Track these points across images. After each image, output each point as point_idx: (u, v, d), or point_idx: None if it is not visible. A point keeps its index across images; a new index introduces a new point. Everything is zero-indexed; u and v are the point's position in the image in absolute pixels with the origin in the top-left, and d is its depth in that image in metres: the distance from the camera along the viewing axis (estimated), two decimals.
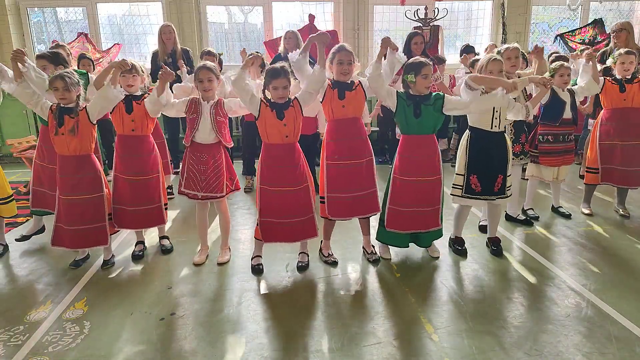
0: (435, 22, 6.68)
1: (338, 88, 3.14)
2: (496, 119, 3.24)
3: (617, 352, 2.37)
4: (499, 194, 3.34)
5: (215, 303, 2.89)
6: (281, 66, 3.00)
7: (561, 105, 3.89)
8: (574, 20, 7.77)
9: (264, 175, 3.13)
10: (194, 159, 3.26)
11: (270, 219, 3.16)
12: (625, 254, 3.52)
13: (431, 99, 3.13)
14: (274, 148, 3.11)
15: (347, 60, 3.10)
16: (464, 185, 3.35)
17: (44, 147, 3.66)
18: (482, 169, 3.30)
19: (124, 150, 3.37)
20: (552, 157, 4.01)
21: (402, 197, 3.24)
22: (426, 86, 3.11)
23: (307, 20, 6.89)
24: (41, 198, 3.72)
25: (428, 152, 3.20)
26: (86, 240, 3.27)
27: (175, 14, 7.05)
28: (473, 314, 2.73)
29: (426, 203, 3.24)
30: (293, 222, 3.15)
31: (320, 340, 2.50)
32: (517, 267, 3.33)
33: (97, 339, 2.54)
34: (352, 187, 3.20)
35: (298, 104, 3.08)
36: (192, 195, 3.30)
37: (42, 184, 3.70)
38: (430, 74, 3.10)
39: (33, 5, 7.18)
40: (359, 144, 3.22)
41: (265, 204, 3.15)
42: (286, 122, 3.03)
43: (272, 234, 3.20)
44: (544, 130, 4.00)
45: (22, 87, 3.20)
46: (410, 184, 3.21)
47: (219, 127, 3.23)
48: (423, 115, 3.12)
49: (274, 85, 2.99)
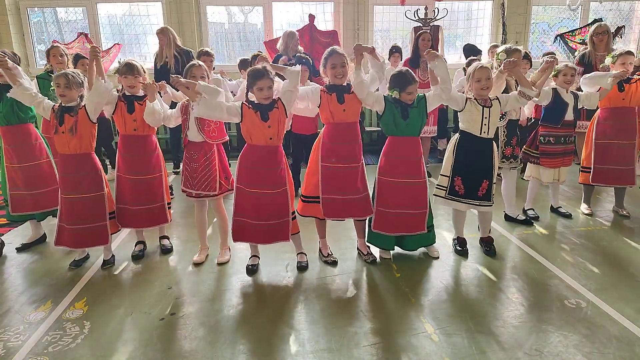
0: (435, 22, 6.68)
1: (336, 92, 3.14)
2: (485, 125, 3.25)
3: (617, 352, 2.37)
4: (483, 199, 3.34)
5: (215, 303, 2.89)
6: (263, 66, 2.97)
7: (564, 107, 3.88)
8: (574, 20, 7.78)
9: (242, 176, 3.10)
10: (188, 157, 3.29)
11: (243, 219, 3.15)
12: (625, 253, 3.52)
13: (415, 102, 3.18)
14: (256, 149, 3.07)
15: (339, 63, 3.10)
16: (448, 186, 3.37)
17: (10, 148, 3.64)
18: (467, 172, 3.32)
19: (126, 150, 3.38)
20: (552, 158, 4.00)
21: (387, 198, 3.26)
22: (410, 100, 3.15)
23: (307, 20, 6.89)
24: (19, 201, 3.68)
25: (413, 154, 3.22)
26: (87, 240, 3.27)
27: (175, 14, 7.05)
28: (473, 314, 2.73)
29: (412, 205, 3.24)
30: (267, 224, 3.12)
31: (320, 340, 2.50)
32: (517, 267, 3.32)
33: (97, 339, 2.54)
34: (347, 189, 3.21)
35: (282, 105, 3.04)
36: (188, 193, 3.33)
37: (17, 186, 3.66)
38: (414, 91, 3.13)
39: (33, 5, 7.18)
40: (355, 148, 3.23)
41: (240, 204, 3.13)
42: (270, 123, 3.00)
43: (243, 234, 3.18)
44: (545, 131, 4.00)
45: (21, 89, 3.21)
46: (395, 184, 3.22)
47: (201, 125, 3.22)
48: (411, 117, 3.16)
49: (258, 87, 2.94)
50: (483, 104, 3.25)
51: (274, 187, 3.09)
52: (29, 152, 3.66)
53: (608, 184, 4.24)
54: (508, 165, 3.91)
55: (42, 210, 3.72)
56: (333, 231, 3.76)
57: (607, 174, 4.15)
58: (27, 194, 3.65)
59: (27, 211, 3.70)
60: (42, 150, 3.74)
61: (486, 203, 3.36)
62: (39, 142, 3.74)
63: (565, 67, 3.85)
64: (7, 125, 3.60)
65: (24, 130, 3.67)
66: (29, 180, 3.63)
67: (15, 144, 3.62)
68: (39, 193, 3.67)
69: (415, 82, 3.13)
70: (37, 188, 3.66)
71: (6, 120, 3.59)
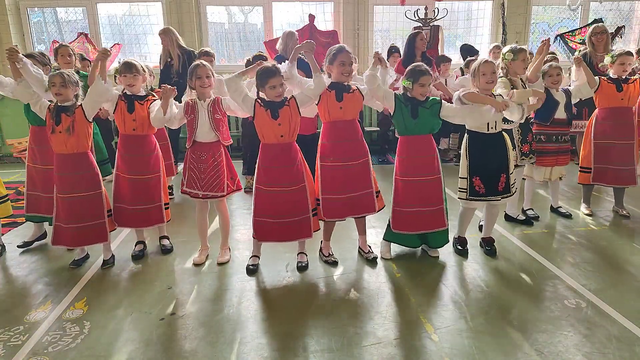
0: (435, 22, 6.68)
1: (336, 90, 3.15)
2: (492, 121, 3.25)
3: (617, 352, 2.37)
4: (503, 193, 3.34)
5: (215, 303, 2.89)
6: (273, 65, 3.03)
7: (553, 106, 3.88)
8: (574, 20, 7.78)
9: (260, 176, 3.15)
10: (194, 158, 3.27)
11: (264, 219, 3.17)
12: (625, 253, 3.52)
13: (427, 103, 3.17)
14: (270, 148, 3.11)
15: (348, 61, 3.13)
16: (468, 187, 3.35)
17: (36, 148, 3.63)
18: (483, 170, 3.31)
19: (126, 150, 3.38)
20: (544, 157, 4.00)
21: (404, 197, 3.27)
22: (422, 93, 3.14)
23: (307, 20, 6.89)
24: (35, 202, 3.68)
25: (426, 152, 3.22)
26: (86, 238, 3.28)
27: (175, 14, 7.05)
28: (473, 314, 2.73)
29: (429, 203, 3.25)
30: (288, 222, 3.15)
31: (320, 340, 2.50)
32: (517, 267, 3.32)
33: (97, 339, 2.54)
34: (346, 187, 3.22)
35: (295, 103, 3.07)
36: (193, 194, 3.31)
37: (35, 187, 3.67)
38: (428, 83, 3.13)
39: (33, 5, 7.18)
40: (355, 145, 3.23)
41: (260, 204, 3.17)
42: (280, 121, 3.02)
43: (266, 233, 3.21)
44: (536, 129, 4.01)
45: (22, 86, 3.22)
46: (411, 184, 3.23)
47: (217, 124, 3.22)
48: (420, 116, 3.15)
49: (270, 85, 2.98)
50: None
51: (291, 185, 3.11)
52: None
53: (608, 184, 4.24)
54: (528, 162, 3.93)
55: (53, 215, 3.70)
56: (334, 231, 3.75)
57: (607, 174, 4.15)
58: (42, 196, 3.63)
59: (40, 213, 3.69)
60: None
61: (507, 195, 3.36)
62: None
63: (549, 68, 3.87)
64: (40, 126, 3.54)
65: None
66: (45, 183, 3.60)
67: (43, 146, 3.57)
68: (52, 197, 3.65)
69: (429, 74, 3.12)
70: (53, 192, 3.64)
71: (40, 121, 3.51)
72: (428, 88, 3.16)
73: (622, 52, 4.02)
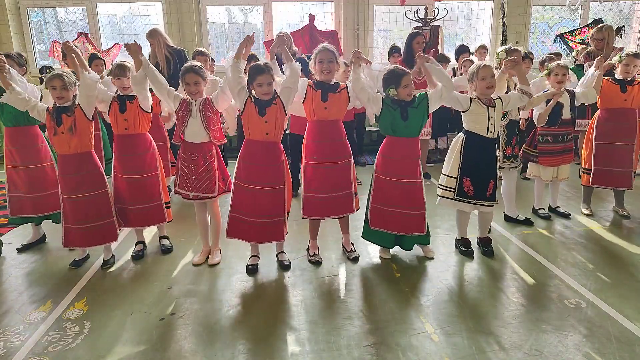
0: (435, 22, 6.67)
1: (322, 89, 3.15)
2: (492, 125, 3.24)
3: (617, 352, 2.37)
4: (490, 199, 3.34)
5: (215, 303, 2.89)
6: (264, 63, 3.01)
7: (559, 108, 3.87)
8: (574, 20, 7.77)
9: (240, 171, 3.12)
10: (185, 159, 3.26)
11: (238, 215, 3.15)
12: (625, 254, 3.52)
13: (415, 102, 3.14)
14: (253, 144, 3.09)
15: (327, 59, 3.11)
16: (457, 187, 3.34)
17: (13, 149, 3.62)
18: (475, 172, 3.30)
19: (120, 150, 3.39)
20: (551, 157, 4.00)
21: (384, 195, 3.25)
22: (408, 93, 3.12)
23: (307, 20, 6.89)
24: (19, 204, 3.67)
25: (410, 154, 3.20)
26: (96, 238, 3.29)
27: (175, 14, 7.05)
28: (473, 314, 2.73)
29: (409, 205, 3.22)
30: (261, 222, 3.13)
31: (320, 340, 2.50)
32: (517, 267, 3.32)
33: (97, 339, 2.54)
34: (327, 187, 3.22)
35: (281, 102, 3.05)
36: (184, 194, 3.31)
37: (17, 189, 3.65)
38: (410, 82, 3.10)
39: (33, 5, 7.18)
40: (338, 145, 3.23)
41: (237, 200, 3.15)
42: (267, 119, 3.01)
43: (236, 230, 3.18)
44: (543, 130, 3.99)
45: (15, 94, 3.18)
46: (390, 183, 3.21)
47: (208, 124, 3.21)
48: (410, 117, 3.12)
49: (258, 82, 2.97)
50: (487, 104, 3.23)
51: (270, 184, 3.09)
52: (35, 154, 3.65)
53: (607, 186, 4.23)
54: (509, 165, 3.91)
55: (39, 214, 3.70)
56: (334, 231, 3.76)
57: (606, 176, 4.14)
58: (26, 197, 3.63)
59: (25, 214, 3.68)
60: (47, 153, 3.72)
61: (492, 203, 3.36)
62: (44, 145, 3.71)
63: (556, 67, 3.83)
64: (16, 127, 3.58)
65: (31, 132, 3.65)
66: (30, 183, 3.61)
67: (21, 146, 3.59)
68: (39, 196, 3.65)
69: (407, 73, 3.10)
70: (37, 191, 3.64)
71: (15, 121, 3.56)
72: (412, 86, 3.13)
73: (630, 53, 4.00)
